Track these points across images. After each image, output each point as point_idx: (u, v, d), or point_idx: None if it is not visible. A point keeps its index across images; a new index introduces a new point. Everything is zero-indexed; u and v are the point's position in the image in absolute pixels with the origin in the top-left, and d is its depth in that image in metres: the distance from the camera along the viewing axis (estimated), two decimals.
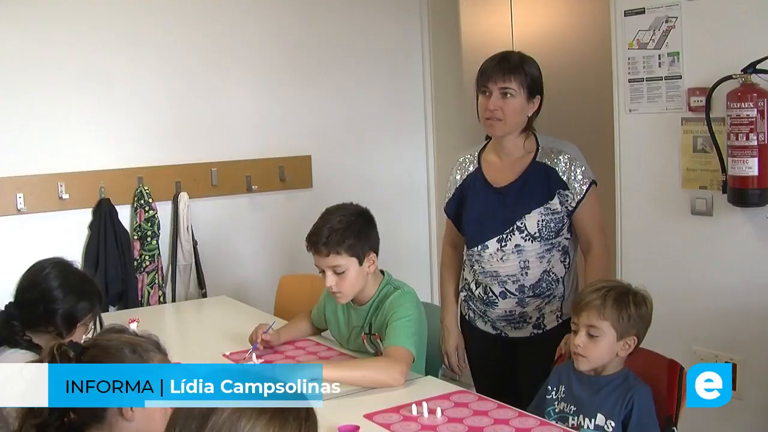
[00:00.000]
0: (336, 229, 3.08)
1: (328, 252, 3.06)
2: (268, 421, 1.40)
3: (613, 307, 2.58)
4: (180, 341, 3.98)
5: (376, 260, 3.15)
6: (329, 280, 3.09)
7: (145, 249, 4.66)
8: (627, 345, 2.60)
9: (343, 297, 3.14)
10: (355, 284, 3.11)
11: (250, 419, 1.39)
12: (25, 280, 2.78)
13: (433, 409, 2.61)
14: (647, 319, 2.63)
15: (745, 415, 3.97)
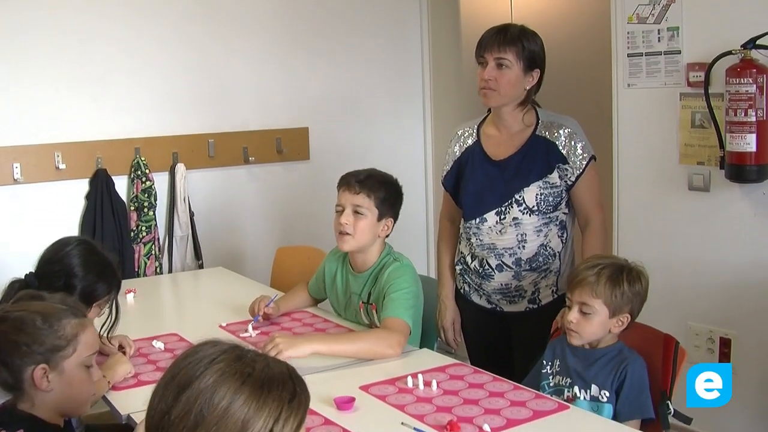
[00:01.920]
0: (375, 177, 3.17)
1: (360, 191, 3.11)
2: (248, 396, 1.38)
3: (606, 285, 2.58)
4: (176, 312, 4.00)
5: (390, 229, 3.19)
6: (345, 217, 3.11)
7: (142, 220, 4.66)
8: (620, 322, 2.60)
9: (350, 241, 3.14)
10: (366, 234, 3.13)
11: (228, 392, 1.37)
12: (48, 253, 2.77)
13: (428, 381, 2.61)
14: (642, 295, 2.63)
15: (738, 390, 3.97)
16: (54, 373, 1.97)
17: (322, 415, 2.41)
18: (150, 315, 3.71)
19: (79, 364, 2.01)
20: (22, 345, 1.95)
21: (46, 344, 1.97)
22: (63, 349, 1.99)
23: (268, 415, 1.38)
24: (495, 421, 2.33)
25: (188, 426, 1.35)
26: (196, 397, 1.36)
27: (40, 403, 1.98)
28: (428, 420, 2.36)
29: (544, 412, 2.40)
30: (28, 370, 1.95)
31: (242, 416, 1.36)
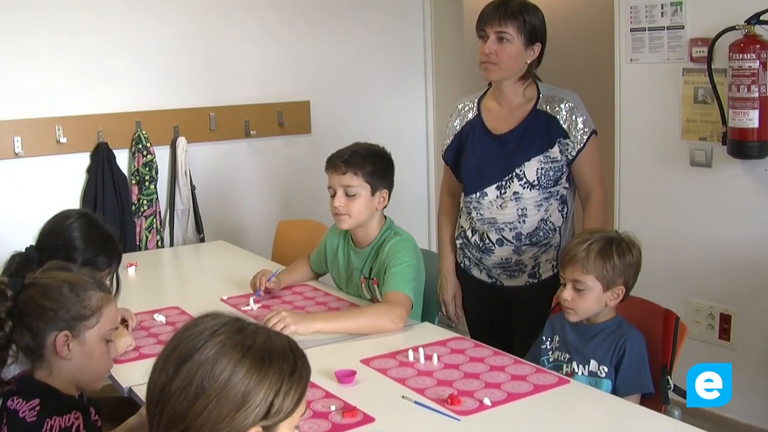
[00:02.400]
0: (359, 153, 3.14)
1: (346, 170, 3.09)
2: (248, 368, 1.39)
3: (596, 260, 2.58)
4: (178, 286, 4.00)
5: (387, 200, 3.17)
6: (338, 200, 3.10)
7: (143, 193, 4.66)
8: (615, 294, 2.61)
9: (347, 221, 3.14)
10: (362, 212, 3.12)
11: (228, 364, 1.38)
12: (48, 226, 2.77)
13: (429, 355, 2.62)
14: (635, 265, 2.63)
15: (738, 366, 3.97)
16: (75, 342, 1.99)
17: (322, 388, 2.42)
18: (151, 288, 3.71)
19: (100, 337, 2.03)
20: (48, 310, 1.97)
21: (71, 312, 1.98)
22: (87, 319, 2.00)
23: (268, 387, 1.39)
24: (495, 394, 2.34)
25: (189, 398, 1.35)
26: (196, 369, 1.37)
27: (57, 372, 1.99)
28: (429, 393, 2.36)
29: (544, 386, 2.40)
30: (51, 336, 1.97)
31: (243, 388, 1.37)
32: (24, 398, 1.93)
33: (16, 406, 1.93)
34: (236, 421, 1.36)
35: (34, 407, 1.91)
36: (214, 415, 1.35)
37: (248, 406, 1.37)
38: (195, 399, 1.35)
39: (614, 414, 2.28)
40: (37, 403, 1.91)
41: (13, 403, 1.94)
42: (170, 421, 1.36)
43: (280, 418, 1.41)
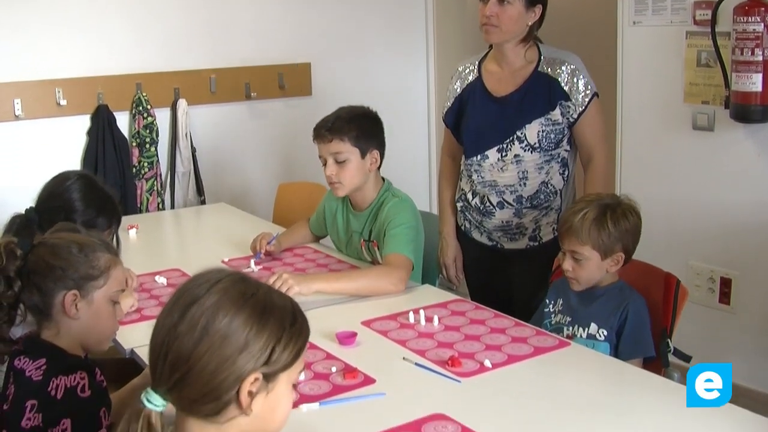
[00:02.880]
0: (343, 117, 3.10)
1: (332, 138, 3.06)
2: (249, 315, 1.41)
3: (591, 230, 2.56)
4: (179, 248, 4.01)
5: (379, 160, 3.15)
6: (329, 169, 3.09)
7: (144, 156, 4.65)
8: (615, 261, 2.60)
9: (342, 188, 3.13)
10: (355, 177, 3.10)
11: (231, 310, 1.40)
12: (48, 188, 2.77)
13: (430, 317, 2.62)
14: (633, 230, 2.61)
15: (737, 330, 4.02)
16: (83, 302, 1.99)
17: (323, 349, 2.42)
18: (152, 251, 3.71)
19: (108, 298, 2.03)
20: (57, 269, 1.97)
21: (79, 272, 1.99)
22: (95, 279, 2.01)
23: (270, 335, 1.41)
24: (496, 356, 2.34)
25: (194, 338, 1.38)
26: (201, 312, 1.39)
27: (65, 332, 2.00)
28: (429, 355, 2.37)
29: (544, 349, 2.41)
30: (59, 295, 1.97)
31: (245, 333, 1.39)
32: (30, 358, 1.94)
33: (22, 365, 1.94)
34: (238, 364, 1.38)
35: (41, 366, 1.92)
36: (217, 357, 1.37)
37: (250, 350, 1.39)
38: (199, 340, 1.37)
39: (614, 376, 2.29)
40: (44, 363, 1.92)
41: (20, 362, 1.95)
42: (174, 364, 1.38)
43: (279, 367, 1.43)
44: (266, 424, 1.47)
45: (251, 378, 1.40)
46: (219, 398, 1.39)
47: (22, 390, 1.92)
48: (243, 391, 1.40)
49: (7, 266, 1.96)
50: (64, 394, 1.87)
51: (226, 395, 1.39)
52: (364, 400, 2.13)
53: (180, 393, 1.39)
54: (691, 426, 1.95)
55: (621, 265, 2.62)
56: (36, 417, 1.86)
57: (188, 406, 1.41)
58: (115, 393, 2.10)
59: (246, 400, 1.40)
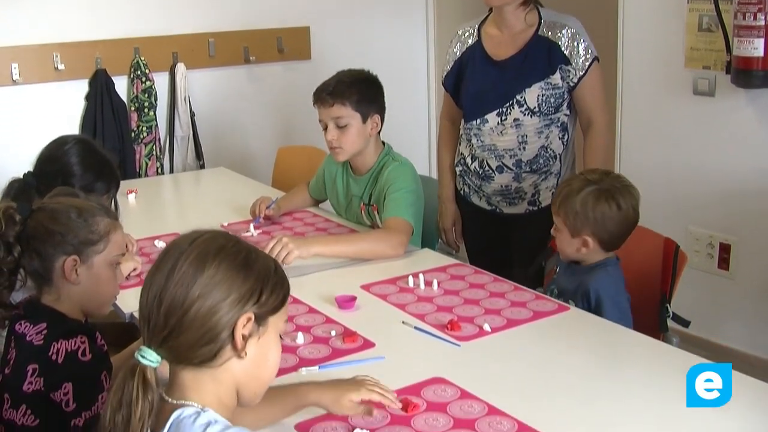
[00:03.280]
0: (344, 82, 3.08)
1: (333, 102, 3.05)
2: (235, 262, 1.45)
3: (561, 203, 2.55)
4: (178, 212, 4.00)
5: (380, 125, 3.14)
6: (330, 134, 3.08)
7: (143, 120, 4.64)
8: (583, 243, 2.53)
9: (343, 153, 3.12)
10: (356, 141, 3.09)
11: (216, 259, 1.44)
12: (46, 152, 2.76)
13: (429, 281, 2.63)
14: (606, 221, 2.49)
15: (736, 295, 4.02)
16: (83, 267, 2.00)
17: (323, 313, 2.43)
18: (151, 215, 3.72)
19: (108, 263, 2.04)
20: (57, 234, 1.98)
21: (79, 237, 1.99)
22: (95, 244, 2.01)
23: (256, 279, 1.46)
24: (495, 321, 2.35)
25: (186, 284, 1.41)
26: (190, 262, 1.43)
27: (65, 296, 2.00)
28: (429, 319, 2.38)
29: (544, 313, 2.42)
30: (59, 260, 1.98)
31: (234, 277, 1.44)
32: (31, 322, 1.95)
33: (23, 329, 1.95)
34: (231, 304, 1.42)
35: (41, 331, 1.92)
36: (211, 299, 1.41)
37: (240, 291, 1.43)
38: (192, 285, 1.40)
39: (612, 341, 2.29)
40: (44, 327, 1.93)
41: (21, 327, 1.96)
42: (168, 311, 1.41)
43: (269, 310, 1.48)
44: (258, 371, 1.51)
45: (244, 318, 1.43)
46: (214, 340, 1.42)
47: (23, 354, 1.92)
48: (237, 331, 1.43)
49: (7, 232, 1.96)
50: (65, 358, 1.88)
51: (221, 336, 1.42)
52: (363, 363, 2.13)
53: (176, 341, 1.41)
54: (685, 395, 1.96)
55: (594, 249, 2.54)
56: (38, 381, 1.87)
57: (184, 354, 1.43)
58: (115, 356, 2.11)
59: (240, 342, 1.44)
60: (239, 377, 1.48)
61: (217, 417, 1.41)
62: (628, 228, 2.55)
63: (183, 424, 1.39)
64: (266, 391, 1.82)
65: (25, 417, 1.88)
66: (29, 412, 1.88)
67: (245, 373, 1.48)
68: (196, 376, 1.44)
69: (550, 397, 1.97)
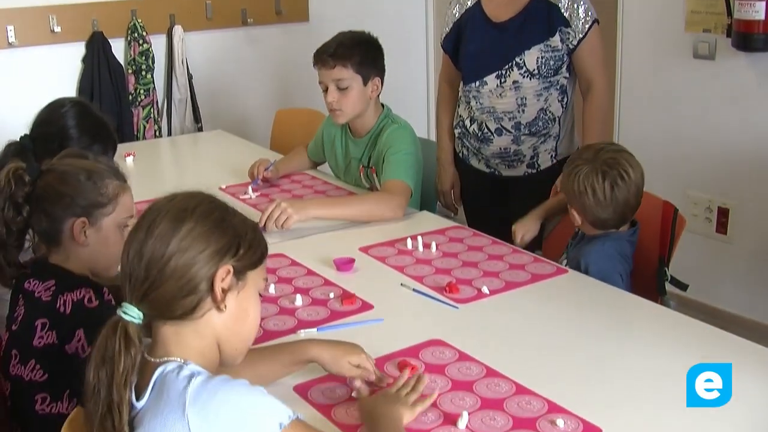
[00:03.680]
0: (345, 43, 3.06)
1: (335, 64, 3.03)
2: (213, 217, 1.48)
3: (562, 172, 2.57)
4: (176, 175, 3.99)
5: (380, 87, 3.12)
6: (331, 96, 3.06)
7: (140, 83, 4.62)
8: (574, 216, 2.54)
9: (343, 115, 3.11)
10: (356, 104, 3.08)
11: (194, 213, 1.47)
12: (42, 115, 2.75)
13: (428, 243, 2.63)
14: (588, 201, 2.46)
15: (734, 259, 4.03)
16: (92, 229, 2.00)
17: (321, 275, 2.43)
18: (149, 178, 3.70)
19: (116, 225, 2.04)
20: (66, 196, 1.98)
21: (88, 199, 2.00)
22: (104, 207, 2.02)
23: (235, 233, 1.49)
24: (494, 283, 2.35)
25: (166, 237, 1.44)
26: (170, 218, 1.46)
27: (74, 258, 2.01)
28: (427, 281, 2.38)
29: (542, 276, 2.42)
30: (68, 222, 1.99)
31: (213, 230, 1.47)
32: (40, 279, 1.97)
33: (32, 287, 1.97)
34: (210, 256, 1.45)
35: (50, 287, 1.94)
36: (190, 250, 1.44)
37: (219, 243, 1.46)
38: (171, 238, 1.43)
39: (610, 303, 2.29)
40: (53, 284, 1.95)
41: (30, 284, 1.98)
42: (149, 264, 1.43)
43: (248, 264, 1.51)
44: (239, 326, 1.53)
45: (222, 271, 1.46)
46: (193, 291, 1.44)
47: (31, 310, 1.95)
48: (216, 283, 1.46)
49: (16, 192, 1.98)
50: (72, 308, 1.90)
51: (200, 287, 1.45)
52: (362, 325, 2.14)
53: (156, 293, 1.43)
54: (685, 353, 1.96)
55: (586, 227, 2.54)
56: (49, 335, 1.89)
57: (165, 307, 1.45)
58: None
59: (220, 294, 1.46)
60: (220, 331, 1.50)
61: (200, 369, 1.43)
62: (620, 211, 2.49)
63: (167, 378, 1.40)
64: (266, 348, 1.84)
65: (33, 372, 1.91)
66: (38, 367, 1.91)
67: (226, 327, 1.50)
68: (177, 330, 1.46)
69: (548, 359, 1.97)
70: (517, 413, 1.71)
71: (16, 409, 1.98)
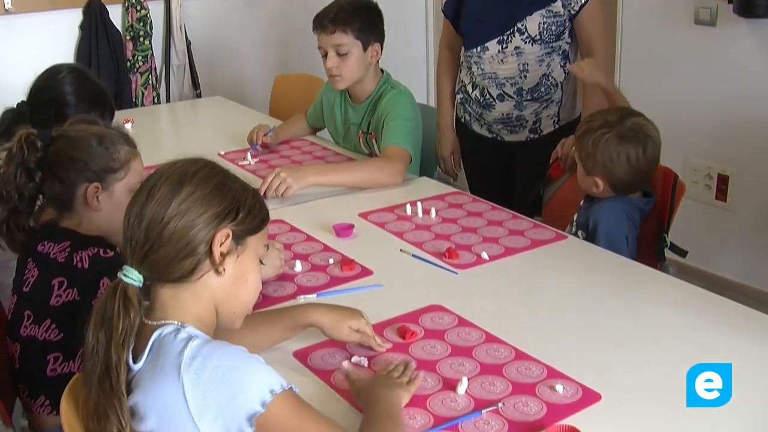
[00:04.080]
0: (345, 8, 3.04)
1: (335, 29, 3.01)
2: (213, 181, 1.49)
3: (578, 140, 2.53)
4: (175, 141, 3.99)
5: (380, 53, 3.10)
6: (330, 61, 3.04)
7: (138, 49, 4.60)
8: (594, 183, 2.50)
9: (342, 81, 3.09)
10: (356, 70, 3.06)
11: (195, 177, 1.48)
12: (40, 82, 2.74)
13: (427, 209, 2.62)
14: (618, 167, 2.44)
15: (735, 225, 4.03)
16: (104, 194, 2.02)
17: (321, 241, 2.43)
18: (148, 145, 3.61)
19: (128, 190, 2.04)
20: (79, 161, 2.00)
21: (101, 164, 2.01)
22: (116, 172, 2.03)
23: (235, 197, 1.50)
24: (493, 249, 2.35)
25: (167, 200, 1.45)
26: (171, 182, 1.47)
27: (86, 222, 2.03)
28: (426, 247, 2.37)
29: (541, 241, 2.42)
30: (81, 188, 2.00)
31: (213, 193, 1.47)
32: (54, 242, 1.98)
33: (47, 249, 1.98)
34: (209, 219, 1.46)
35: (65, 249, 1.96)
36: (190, 213, 1.45)
37: (219, 206, 1.47)
38: (171, 200, 1.44)
39: (609, 269, 2.29)
40: (68, 245, 1.97)
41: (44, 247, 1.99)
42: (149, 226, 1.44)
43: (247, 229, 1.51)
44: (237, 290, 1.53)
45: (221, 234, 1.47)
46: (192, 254, 1.45)
47: (46, 271, 1.96)
48: (215, 246, 1.46)
49: (28, 158, 1.99)
50: (89, 262, 1.93)
51: (199, 250, 1.46)
52: (361, 291, 2.14)
53: (156, 255, 1.44)
54: (686, 320, 1.97)
55: (606, 192, 2.51)
56: (69, 293, 1.92)
57: (164, 269, 1.45)
58: None
59: (218, 257, 1.47)
60: (218, 295, 1.51)
61: (197, 332, 1.44)
62: (642, 175, 2.50)
63: (165, 341, 1.41)
64: (266, 313, 1.84)
65: (48, 332, 1.94)
66: (53, 327, 1.94)
67: (224, 290, 1.51)
68: (175, 293, 1.47)
69: (547, 325, 1.97)
70: (516, 378, 1.72)
71: (24, 370, 2.01)
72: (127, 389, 1.40)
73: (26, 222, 2.05)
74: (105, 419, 1.37)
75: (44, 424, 2.02)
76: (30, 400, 2.02)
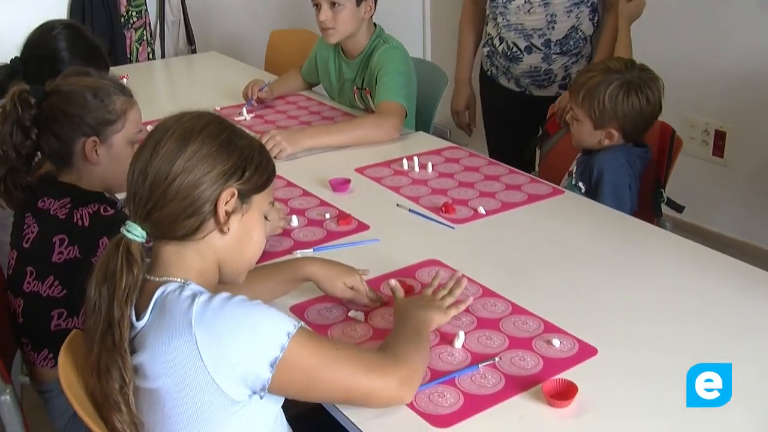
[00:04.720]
0: None
1: None
2: (220, 138, 1.46)
3: (586, 96, 2.47)
4: (170, 97, 3.97)
5: (373, 8, 3.07)
6: (323, 14, 3.01)
7: (132, 5, 4.57)
8: (608, 135, 2.48)
9: (335, 34, 3.06)
10: (348, 23, 3.03)
11: (201, 133, 1.45)
12: (33, 38, 2.71)
13: (423, 163, 2.62)
14: (634, 114, 2.44)
15: (731, 181, 4.03)
16: (103, 147, 2.00)
17: (317, 196, 2.43)
18: (143, 101, 3.58)
19: (127, 141, 2.03)
20: (75, 117, 1.97)
21: (97, 117, 1.99)
22: (113, 124, 2.01)
23: (241, 155, 1.47)
24: (490, 203, 2.35)
25: (172, 156, 1.42)
26: (176, 137, 1.44)
27: (87, 177, 2.01)
28: (423, 202, 2.37)
29: (538, 196, 2.41)
30: (79, 142, 1.98)
31: (219, 151, 1.45)
32: (55, 198, 1.97)
33: (47, 205, 1.97)
34: (215, 177, 1.44)
35: (65, 205, 1.95)
36: (195, 171, 1.42)
37: (225, 164, 1.45)
38: (177, 157, 1.42)
39: (606, 224, 2.29)
40: (69, 201, 1.95)
41: (45, 203, 1.97)
42: (153, 183, 1.42)
43: (253, 187, 1.49)
44: (241, 248, 1.52)
45: (227, 193, 1.45)
46: (197, 212, 1.43)
47: (46, 227, 1.95)
48: (220, 205, 1.44)
49: (23, 116, 1.96)
50: (90, 220, 1.91)
51: (204, 209, 1.44)
52: (358, 246, 2.14)
53: (160, 213, 1.42)
54: (681, 275, 1.97)
55: (618, 141, 2.50)
56: (70, 250, 1.91)
57: (168, 227, 1.44)
58: None
59: (223, 216, 1.45)
60: (221, 253, 1.49)
61: (201, 289, 1.43)
62: (652, 121, 2.52)
63: (169, 299, 1.40)
64: (263, 268, 1.83)
65: (51, 288, 1.94)
66: (57, 283, 1.94)
67: (227, 248, 1.49)
68: (179, 250, 1.46)
69: (544, 280, 1.98)
70: (513, 333, 1.72)
71: (27, 324, 2.01)
72: (130, 347, 1.39)
73: (24, 179, 2.03)
74: (107, 375, 1.37)
75: (46, 376, 2.04)
76: (33, 353, 2.03)
